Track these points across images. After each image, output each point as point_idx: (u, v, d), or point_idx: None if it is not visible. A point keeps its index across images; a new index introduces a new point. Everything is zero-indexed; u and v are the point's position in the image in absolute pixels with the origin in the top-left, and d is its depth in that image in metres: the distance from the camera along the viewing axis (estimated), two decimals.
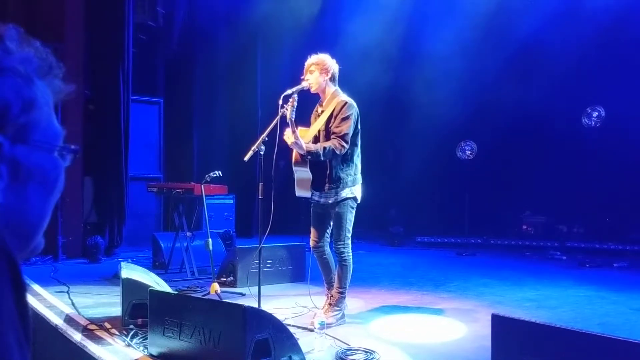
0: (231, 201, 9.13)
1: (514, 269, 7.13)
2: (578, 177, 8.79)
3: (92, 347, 3.64)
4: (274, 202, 4.32)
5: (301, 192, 4.43)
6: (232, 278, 5.80)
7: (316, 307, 4.67)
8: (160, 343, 3.42)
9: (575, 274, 6.77)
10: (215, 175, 5.58)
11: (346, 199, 4.33)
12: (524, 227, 9.43)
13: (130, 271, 4.30)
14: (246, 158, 4.34)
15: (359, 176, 4.45)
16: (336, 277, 4.46)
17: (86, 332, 3.94)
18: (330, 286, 4.61)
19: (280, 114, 4.30)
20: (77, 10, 7.75)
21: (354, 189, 4.38)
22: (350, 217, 4.38)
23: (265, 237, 4.40)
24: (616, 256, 7.79)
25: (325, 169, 4.31)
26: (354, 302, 5.12)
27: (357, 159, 4.43)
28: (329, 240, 4.61)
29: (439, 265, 7.61)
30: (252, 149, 4.29)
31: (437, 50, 9.24)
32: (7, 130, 0.80)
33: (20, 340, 0.72)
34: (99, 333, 3.91)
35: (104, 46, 7.98)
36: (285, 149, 4.47)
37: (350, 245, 4.43)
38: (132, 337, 3.74)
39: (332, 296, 4.45)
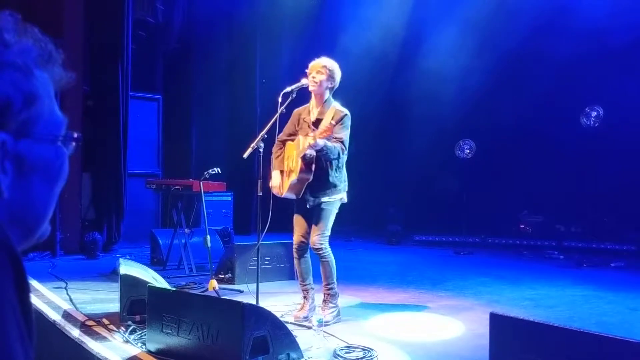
0: (229, 198, 9.13)
1: (511, 268, 7.14)
2: (576, 176, 8.80)
3: (90, 343, 3.64)
4: (273, 200, 4.33)
5: (290, 194, 4.40)
6: (230, 275, 5.80)
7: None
8: (159, 339, 3.42)
9: (573, 274, 6.78)
10: (214, 172, 5.59)
11: (336, 201, 4.40)
12: (522, 226, 9.44)
13: (129, 267, 4.30)
14: (245, 155, 4.35)
15: (347, 182, 4.49)
16: (322, 276, 4.43)
17: (84, 328, 3.94)
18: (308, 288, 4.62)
19: (279, 111, 4.30)
20: (76, 6, 7.74)
21: (343, 194, 4.43)
22: (332, 218, 4.40)
23: (264, 235, 4.40)
24: (613, 256, 7.81)
25: (322, 175, 4.30)
26: (352, 300, 5.13)
27: (345, 167, 4.47)
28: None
29: (437, 264, 7.62)
30: (252, 146, 4.29)
31: (436, 49, 9.24)
32: (9, 127, 0.79)
33: (22, 335, 0.72)
34: (97, 329, 3.91)
35: (103, 42, 7.97)
36: None
37: (327, 242, 4.38)
38: (130, 334, 3.74)
39: (324, 294, 4.44)
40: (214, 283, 4.98)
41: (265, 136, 4.31)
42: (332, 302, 4.40)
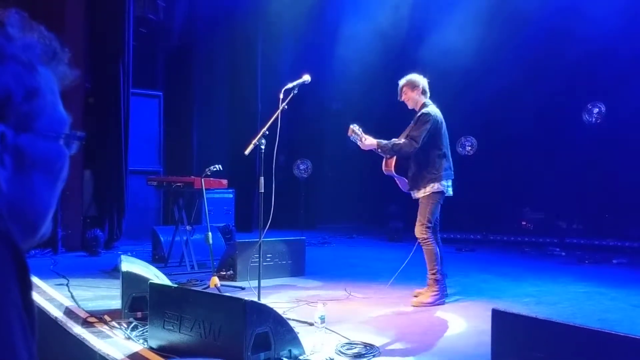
0: (231, 195, 9.13)
1: (513, 265, 7.13)
2: (578, 173, 8.79)
3: (91, 339, 3.64)
4: (275, 197, 4.32)
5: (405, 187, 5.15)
6: (231, 272, 5.80)
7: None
8: (160, 336, 3.42)
9: (575, 270, 6.77)
10: (215, 169, 5.58)
11: (432, 193, 4.89)
12: (523, 223, 9.44)
13: (130, 264, 4.30)
14: (247, 152, 4.34)
15: (446, 173, 4.96)
16: (426, 262, 4.93)
17: (86, 324, 3.94)
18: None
19: (281, 107, 4.29)
20: (78, 3, 7.73)
21: (440, 184, 4.90)
22: (432, 208, 4.92)
23: (265, 232, 4.40)
24: (615, 252, 7.80)
25: (414, 171, 4.94)
26: (354, 297, 5.13)
27: (440, 160, 4.95)
28: (437, 228, 5.14)
29: None
30: (253, 142, 4.29)
31: (439, 46, 9.22)
32: (9, 120, 0.79)
33: (25, 330, 0.72)
34: (98, 326, 3.91)
35: (105, 39, 7.96)
36: (286, 144, 4.48)
37: (430, 232, 4.90)
38: (132, 330, 3.74)
39: (428, 278, 4.91)
40: (215, 280, 4.98)
41: (267, 133, 4.30)
42: (434, 287, 4.84)
